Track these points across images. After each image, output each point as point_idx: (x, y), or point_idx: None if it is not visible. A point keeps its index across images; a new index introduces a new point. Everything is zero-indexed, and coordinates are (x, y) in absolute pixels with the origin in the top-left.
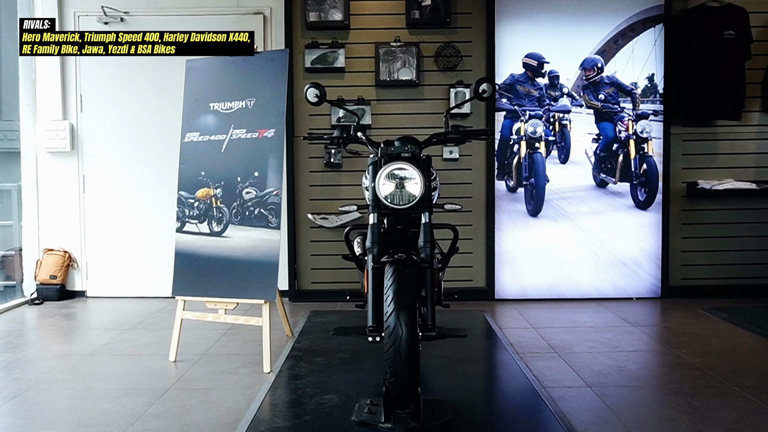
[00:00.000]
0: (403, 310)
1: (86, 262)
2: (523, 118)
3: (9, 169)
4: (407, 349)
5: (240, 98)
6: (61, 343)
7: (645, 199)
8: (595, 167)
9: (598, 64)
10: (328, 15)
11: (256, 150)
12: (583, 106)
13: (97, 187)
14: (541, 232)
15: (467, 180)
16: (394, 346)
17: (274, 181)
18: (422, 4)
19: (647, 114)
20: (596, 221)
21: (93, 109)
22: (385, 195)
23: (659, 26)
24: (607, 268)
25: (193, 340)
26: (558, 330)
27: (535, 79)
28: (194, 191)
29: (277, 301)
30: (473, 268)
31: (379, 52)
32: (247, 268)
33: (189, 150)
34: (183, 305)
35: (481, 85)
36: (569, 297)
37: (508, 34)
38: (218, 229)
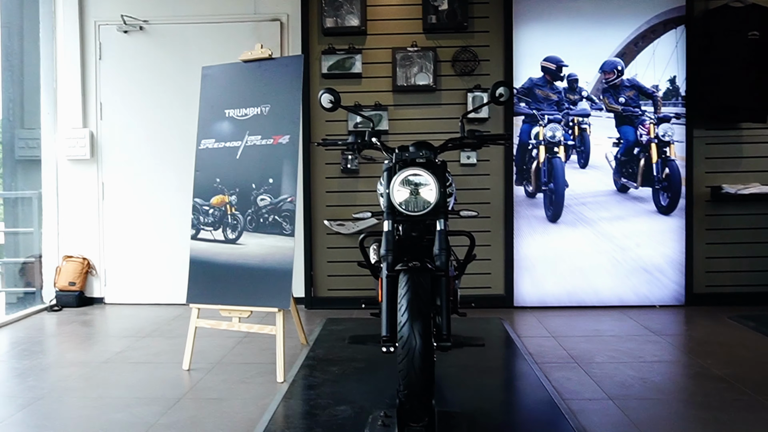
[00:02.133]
0: (417, 319)
1: (105, 268)
2: (541, 123)
3: (30, 177)
4: (421, 360)
5: (255, 104)
6: (76, 350)
7: (667, 204)
8: (615, 172)
9: (618, 66)
10: (344, 21)
11: (271, 156)
12: (603, 110)
13: (116, 194)
14: (560, 238)
15: (485, 185)
16: (408, 357)
17: (288, 188)
18: (439, 9)
19: (669, 117)
20: (617, 227)
21: (112, 116)
22: (399, 201)
23: (680, 28)
24: (629, 275)
25: (208, 348)
26: (578, 339)
27: (553, 83)
28: (209, 198)
29: (292, 309)
30: (491, 274)
31: (396, 57)
32: (261, 275)
33: (204, 157)
34: (197, 313)
35: (498, 89)
36: (590, 305)
37: (526, 37)
38: (233, 236)
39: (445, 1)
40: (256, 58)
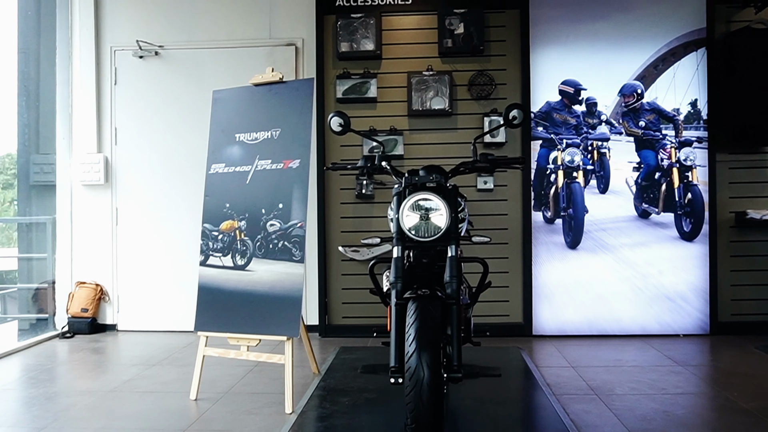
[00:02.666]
0: (425, 350)
1: (118, 295)
2: (560, 147)
3: (44, 202)
4: (429, 393)
5: (266, 128)
6: (84, 378)
7: (690, 230)
8: (636, 197)
9: (638, 90)
10: (359, 45)
11: (281, 181)
12: (622, 134)
13: (129, 220)
14: (580, 264)
15: (503, 211)
16: (416, 389)
17: (298, 213)
18: (455, 33)
19: (691, 141)
20: (639, 253)
21: (127, 142)
22: (409, 227)
23: (701, 50)
24: (652, 303)
25: (217, 377)
26: (599, 369)
27: (572, 107)
28: (219, 224)
29: (303, 337)
30: (509, 302)
31: (411, 81)
32: (270, 303)
33: (214, 181)
34: (205, 341)
35: (512, 112)
36: (611, 333)
37: (544, 60)
38: (242, 262)
39: (461, 25)
40: (266, 81)
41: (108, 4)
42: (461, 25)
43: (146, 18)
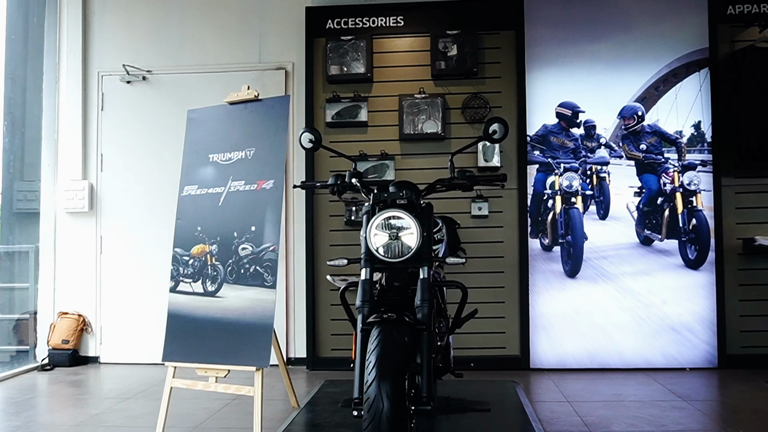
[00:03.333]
0: (386, 379)
1: (101, 326)
2: (557, 171)
3: (28, 231)
4: (389, 426)
5: (240, 148)
6: (52, 412)
7: (696, 258)
8: (638, 223)
9: (639, 112)
10: (350, 68)
11: (255, 203)
12: (623, 158)
13: (114, 249)
14: (579, 294)
15: (498, 238)
16: (374, 422)
17: (271, 236)
18: (448, 55)
19: (695, 164)
20: (641, 282)
21: (113, 168)
22: (377, 247)
23: (704, 70)
24: (656, 335)
25: (191, 411)
26: (596, 404)
27: (569, 130)
28: (190, 248)
29: (281, 369)
30: (506, 334)
31: (402, 104)
32: (240, 331)
33: (186, 204)
34: (173, 372)
35: (492, 126)
36: (613, 367)
37: (540, 83)
38: (212, 288)
39: (455, 47)
40: (241, 99)
41: (96, 29)
42: (454, 46)
43: (134, 43)
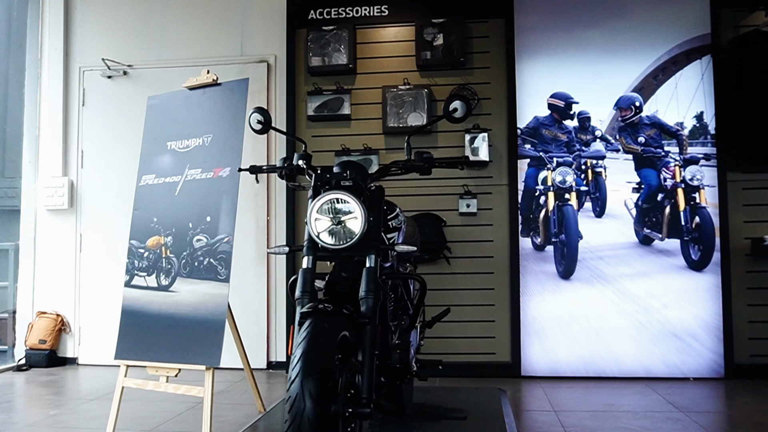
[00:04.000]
0: (310, 376)
1: (79, 326)
2: (549, 166)
3: (8, 228)
4: (311, 430)
5: (197, 135)
6: (9, 412)
7: (699, 259)
8: (637, 221)
9: (636, 102)
10: (332, 59)
11: (210, 191)
12: (620, 151)
13: (94, 247)
14: (574, 297)
15: (487, 237)
16: (294, 425)
17: (226, 227)
18: (434, 44)
19: (697, 158)
20: (640, 285)
21: (94, 165)
22: (318, 232)
23: (706, 58)
24: (656, 341)
25: (151, 414)
26: (584, 414)
27: (562, 122)
28: (145, 240)
29: (246, 371)
30: (496, 339)
31: (386, 96)
32: (192, 327)
33: (143, 194)
34: (125, 371)
35: (452, 103)
36: (610, 375)
37: (531, 72)
38: (166, 282)
39: (441, 36)
40: (200, 84)
41: (78, 24)
42: (441, 36)
43: (116, 37)
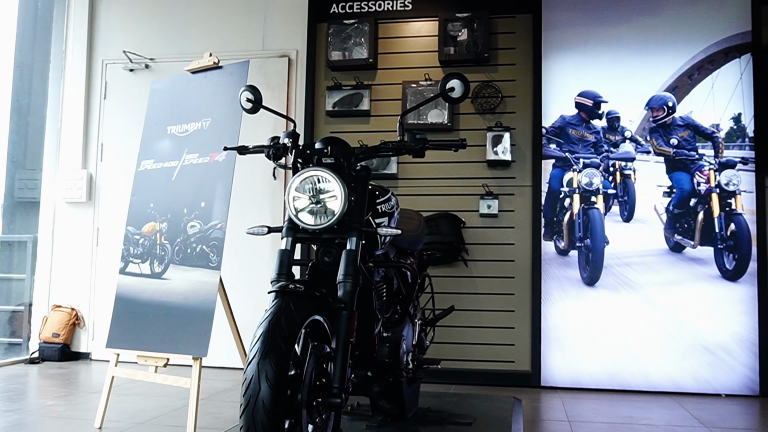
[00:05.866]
0: (268, 357)
1: (93, 321)
2: (575, 167)
3: (27, 220)
4: (266, 416)
5: (196, 119)
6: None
7: (734, 268)
8: (667, 227)
9: (669, 102)
10: (352, 53)
11: (206, 176)
12: (650, 153)
13: (110, 241)
14: (599, 305)
15: (509, 240)
16: (248, 408)
17: (219, 213)
18: (457, 39)
19: (734, 162)
20: (670, 294)
21: (112, 158)
22: (297, 212)
23: (746, 56)
24: (686, 355)
25: (149, 407)
26: (600, 426)
27: (590, 122)
28: (141, 226)
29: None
30: (515, 346)
31: (406, 92)
32: (182, 316)
33: (141, 179)
34: (116, 360)
35: (449, 81)
36: (636, 389)
37: (558, 70)
38: (159, 269)
39: (465, 31)
40: (202, 67)
41: (102, 17)
42: (465, 31)
43: (139, 30)
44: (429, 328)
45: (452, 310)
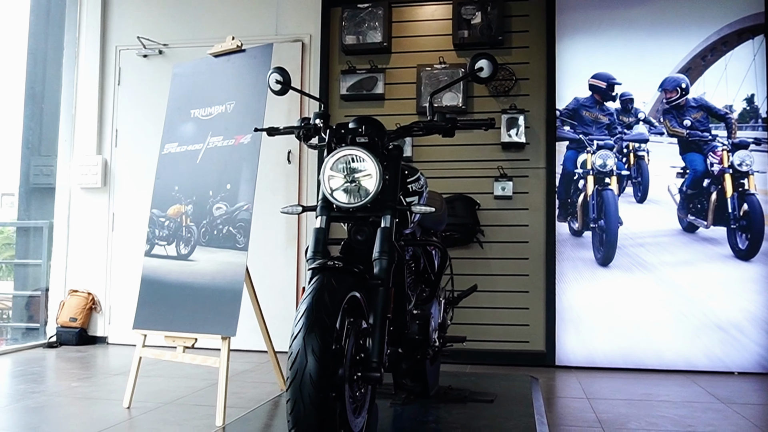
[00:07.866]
0: (313, 332)
1: (110, 305)
2: (589, 149)
3: (43, 206)
4: (313, 389)
5: (220, 102)
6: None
7: (747, 248)
8: (680, 207)
9: (682, 84)
10: (366, 37)
11: (231, 159)
12: (664, 134)
13: (126, 226)
14: (613, 285)
15: (523, 221)
16: (296, 380)
17: (245, 194)
18: (471, 23)
19: (747, 143)
20: (683, 274)
21: (127, 144)
22: (331, 191)
23: (759, 38)
24: (699, 334)
25: (172, 388)
26: (618, 402)
27: (603, 103)
28: (167, 209)
29: (268, 350)
30: (530, 327)
31: (420, 76)
32: (210, 296)
33: (166, 163)
34: (143, 340)
35: (478, 61)
36: (650, 367)
37: (572, 52)
38: (185, 251)
39: (479, 14)
40: (225, 51)
41: (115, 3)
42: (479, 14)
43: (152, 16)
44: (450, 307)
45: (475, 290)
